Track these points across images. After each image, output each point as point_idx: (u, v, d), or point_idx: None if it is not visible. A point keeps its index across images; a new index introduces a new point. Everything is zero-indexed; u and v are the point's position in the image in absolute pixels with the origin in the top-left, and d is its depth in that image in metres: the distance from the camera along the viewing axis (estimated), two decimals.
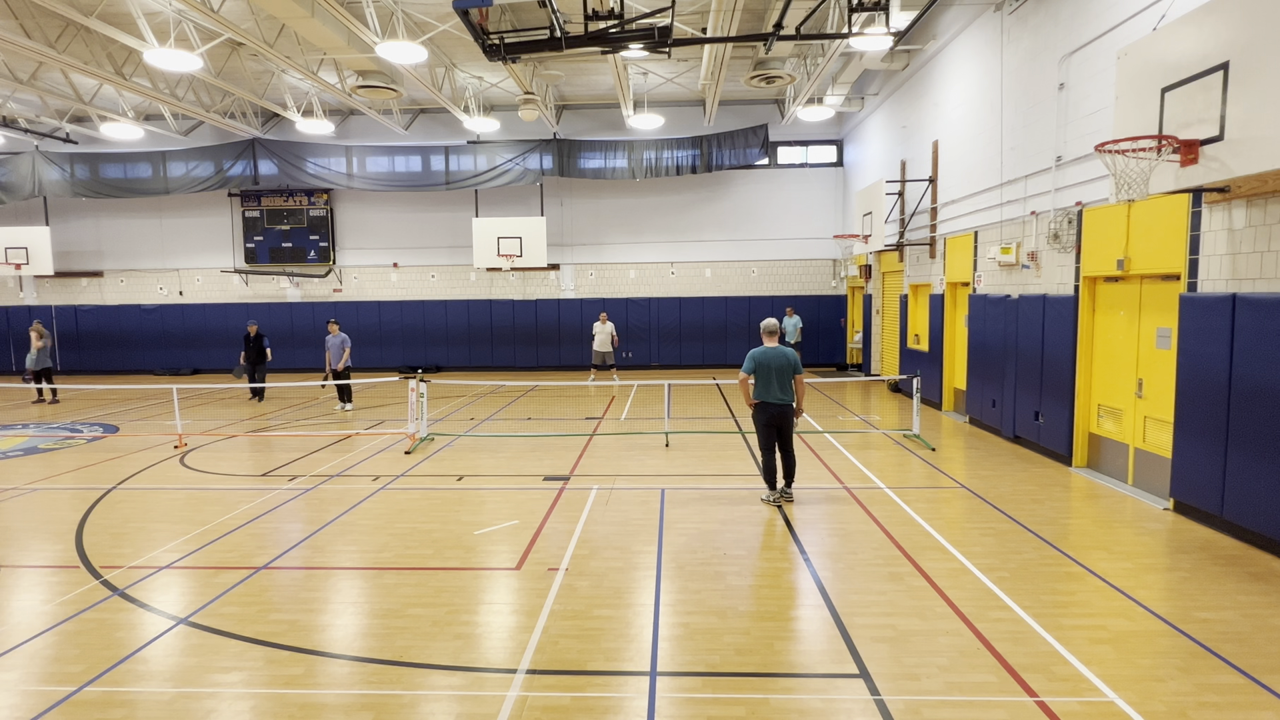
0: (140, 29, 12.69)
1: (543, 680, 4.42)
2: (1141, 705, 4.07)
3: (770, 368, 7.74)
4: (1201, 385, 7.06)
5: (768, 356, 7.77)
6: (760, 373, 7.76)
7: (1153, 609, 5.28)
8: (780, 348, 7.85)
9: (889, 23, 11.58)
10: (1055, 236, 9.76)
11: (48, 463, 10.59)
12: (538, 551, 6.62)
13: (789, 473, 8.08)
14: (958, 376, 13.58)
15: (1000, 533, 6.98)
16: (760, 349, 7.84)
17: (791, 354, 7.86)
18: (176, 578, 6.15)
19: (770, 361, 7.75)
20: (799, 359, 7.97)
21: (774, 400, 7.78)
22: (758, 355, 7.79)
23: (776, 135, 22.01)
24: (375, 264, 22.99)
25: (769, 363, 7.75)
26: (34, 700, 4.28)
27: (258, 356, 16.90)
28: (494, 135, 21.59)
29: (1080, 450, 9.45)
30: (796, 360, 7.88)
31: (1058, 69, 9.78)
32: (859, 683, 4.34)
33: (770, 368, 7.74)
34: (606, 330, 18.79)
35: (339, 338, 15.19)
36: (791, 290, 22.55)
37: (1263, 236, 6.52)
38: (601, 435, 12.07)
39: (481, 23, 10.32)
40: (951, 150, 13.69)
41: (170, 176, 21.93)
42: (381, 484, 9.10)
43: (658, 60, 16.84)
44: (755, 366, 7.76)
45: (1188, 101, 6.12)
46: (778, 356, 7.78)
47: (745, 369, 7.84)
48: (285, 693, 4.32)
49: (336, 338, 15.18)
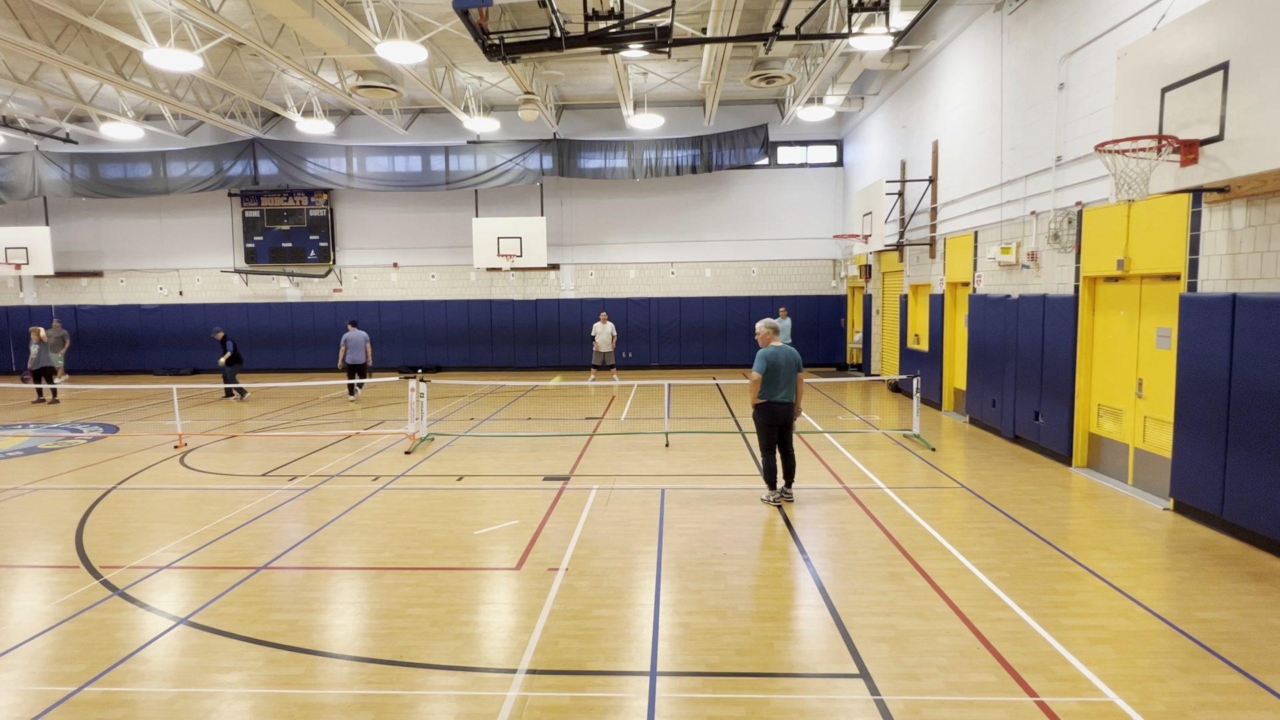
0: (140, 29, 12.70)
1: (543, 680, 4.41)
2: (1141, 705, 4.07)
3: (780, 367, 7.76)
4: (1201, 385, 7.06)
5: (778, 356, 7.78)
6: (771, 372, 7.76)
7: (1153, 609, 5.28)
8: (788, 347, 7.91)
9: (889, 23, 11.58)
10: (1055, 236, 9.76)
11: (48, 463, 10.59)
12: (538, 551, 6.62)
13: (789, 473, 8.09)
14: (958, 376, 13.58)
15: (1000, 533, 6.98)
16: (771, 349, 7.84)
17: (796, 353, 7.95)
18: (176, 578, 6.15)
19: (781, 361, 7.78)
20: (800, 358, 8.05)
21: (780, 400, 7.80)
22: (769, 355, 7.79)
23: (776, 135, 22.02)
24: (375, 264, 22.99)
25: (780, 362, 7.77)
26: (34, 700, 4.28)
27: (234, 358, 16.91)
28: (494, 135, 21.59)
29: (1080, 450, 9.45)
30: (799, 359, 7.96)
31: (1058, 69, 9.78)
32: (859, 683, 4.34)
33: (780, 367, 7.76)
34: (607, 330, 18.78)
35: (361, 334, 16.56)
36: (791, 290, 22.55)
37: (1263, 236, 6.52)
38: (601, 435, 12.07)
39: (481, 23, 10.32)
40: (951, 150, 13.69)
41: (170, 176, 21.94)
42: (381, 484, 9.10)
43: (658, 60, 16.84)
44: (768, 366, 7.75)
45: (1188, 101, 6.12)
46: (788, 355, 7.84)
47: (757, 368, 7.82)
48: (285, 693, 4.32)
49: (359, 334, 16.52)
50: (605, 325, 18.83)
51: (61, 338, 19.78)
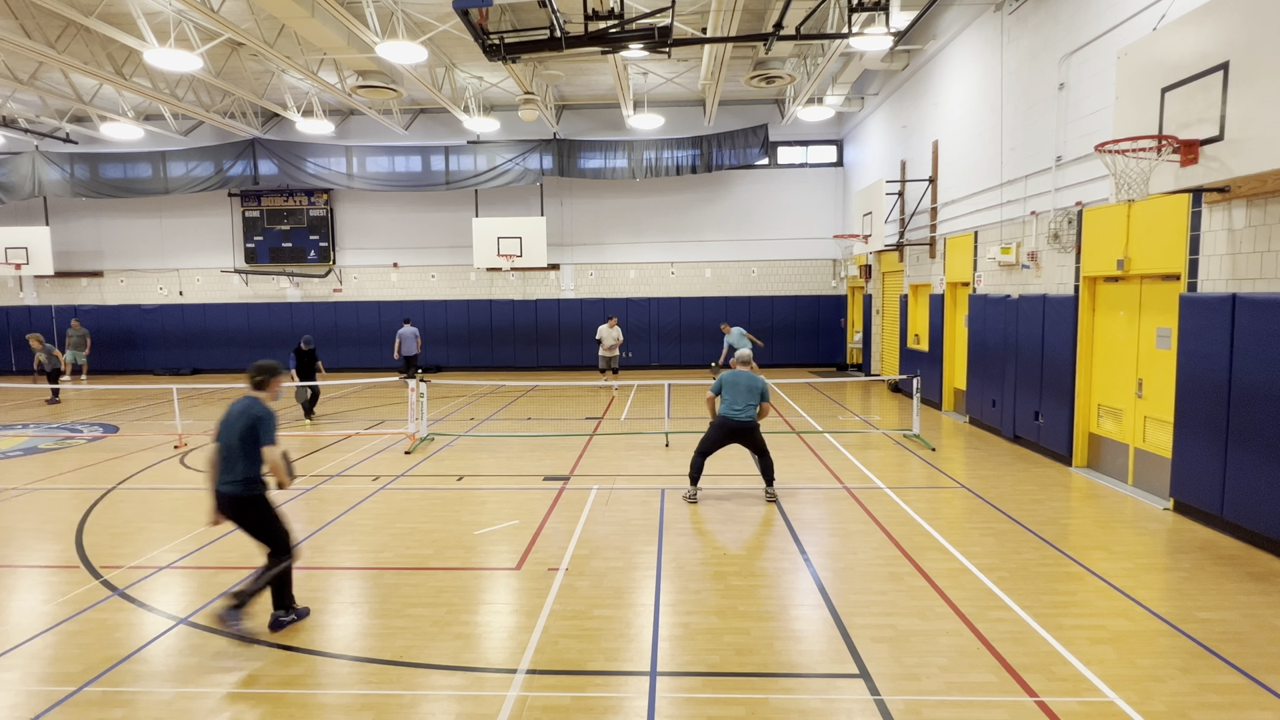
0: (140, 29, 12.69)
1: (543, 680, 4.42)
2: (1141, 705, 4.07)
3: (738, 387, 7.99)
4: (1201, 385, 7.06)
5: (737, 378, 8.05)
6: (726, 392, 8.04)
7: (1153, 609, 5.29)
8: (750, 374, 8.12)
9: (889, 23, 11.58)
10: (1055, 236, 9.76)
11: (48, 463, 10.59)
12: (538, 551, 6.62)
13: (767, 473, 8.25)
14: (958, 376, 13.58)
15: (1000, 533, 6.98)
16: (730, 373, 8.14)
17: (760, 381, 8.07)
18: (176, 578, 6.15)
19: (738, 382, 8.01)
20: (767, 387, 8.14)
21: (735, 417, 7.97)
22: (726, 377, 8.12)
23: (776, 135, 22.01)
24: (375, 264, 22.98)
25: (736, 383, 8.02)
26: (34, 700, 4.28)
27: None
28: (494, 135, 21.59)
29: (1080, 450, 9.45)
30: (765, 387, 8.06)
31: (1058, 69, 9.78)
32: (859, 683, 4.34)
33: (738, 387, 7.99)
34: (613, 334, 18.06)
35: (412, 330, 18.88)
36: (792, 290, 22.56)
37: (1263, 236, 6.52)
38: (601, 435, 12.07)
39: (481, 23, 10.32)
40: (951, 150, 13.69)
41: (170, 176, 21.93)
42: (381, 484, 9.10)
43: (658, 60, 16.84)
44: (720, 387, 8.09)
45: (1188, 101, 6.12)
46: (746, 379, 8.04)
47: (713, 389, 8.19)
48: (285, 693, 4.32)
49: (410, 330, 18.86)
50: (613, 330, 18.10)
51: (83, 336, 20.16)
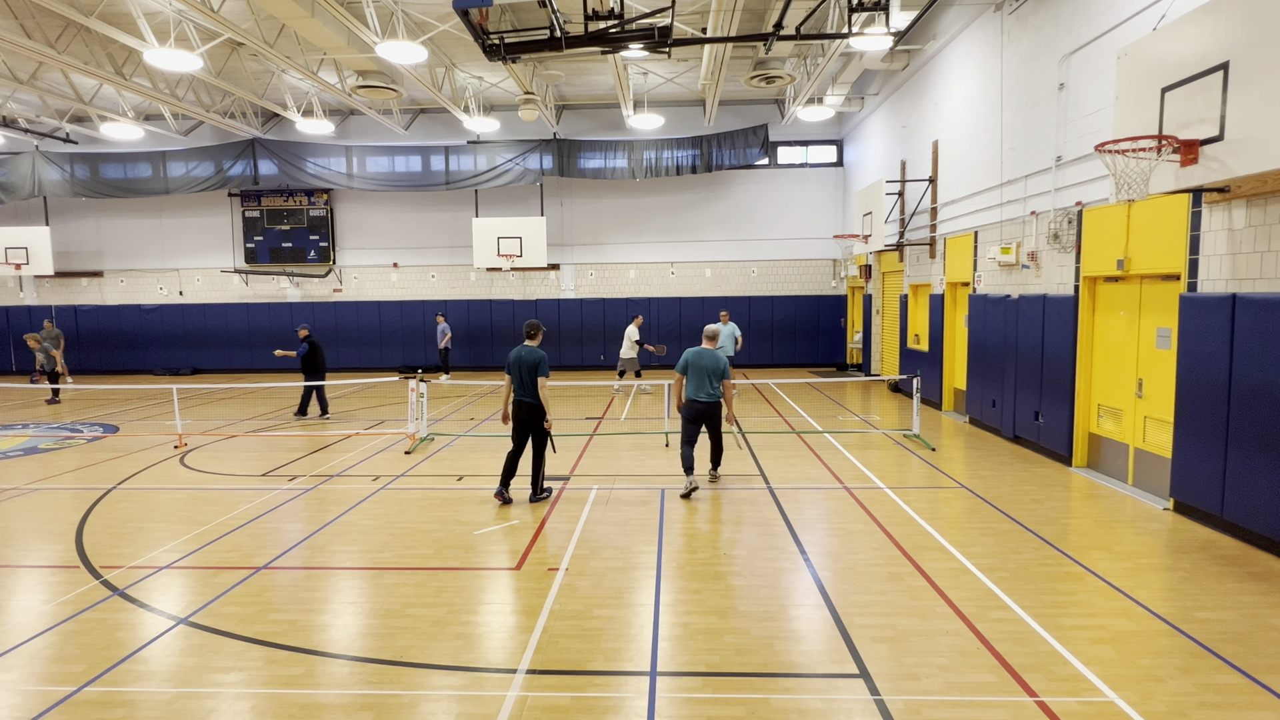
0: (140, 29, 12.69)
1: (543, 680, 4.42)
2: (1141, 705, 4.07)
3: (701, 367, 8.42)
4: (1201, 385, 7.06)
5: (700, 357, 8.47)
6: (691, 371, 8.46)
7: (1153, 609, 5.29)
8: (713, 351, 8.53)
9: (889, 23, 11.58)
10: (1055, 236, 9.76)
11: (48, 463, 10.59)
12: (538, 551, 6.62)
13: (715, 458, 8.90)
14: (958, 376, 13.57)
15: (1000, 533, 6.98)
16: (695, 349, 8.53)
17: (722, 358, 8.50)
18: (176, 578, 6.15)
19: (701, 362, 8.44)
20: (728, 365, 8.60)
21: (699, 399, 8.43)
22: (690, 355, 8.52)
23: (776, 135, 22.01)
24: (375, 264, 22.98)
25: (699, 363, 8.44)
26: (34, 700, 4.28)
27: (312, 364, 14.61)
28: (494, 135, 21.59)
29: (1080, 450, 9.45)
30: (725, 366, 8.48)
31: (1058, 69, 9.78)
32: (859, 683, 4.34)
33: (701, 367, 8.42)
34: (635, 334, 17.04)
35: (444, 326, 19.71)
36: (792, 290, 22.55)
37: (1263, 236, 6.52)
38: (601, 435, 12.07)
39: (481, 23, 10.32)
40: (951, 150, 13.69)
41: (170, 176, 21.93)
42: (381, 484, 9.10)
43: (658, 60, 16.83)
44: (685, 366, 8.52)
45: (1188, 101, 6.12)
46: (709, 358, 8.45)
47: (678, 367, 8.60)
48: (285, 693, 4.32)
49: (443, 326, 19.71)
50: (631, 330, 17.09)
51: (56, 337, 19.80)
